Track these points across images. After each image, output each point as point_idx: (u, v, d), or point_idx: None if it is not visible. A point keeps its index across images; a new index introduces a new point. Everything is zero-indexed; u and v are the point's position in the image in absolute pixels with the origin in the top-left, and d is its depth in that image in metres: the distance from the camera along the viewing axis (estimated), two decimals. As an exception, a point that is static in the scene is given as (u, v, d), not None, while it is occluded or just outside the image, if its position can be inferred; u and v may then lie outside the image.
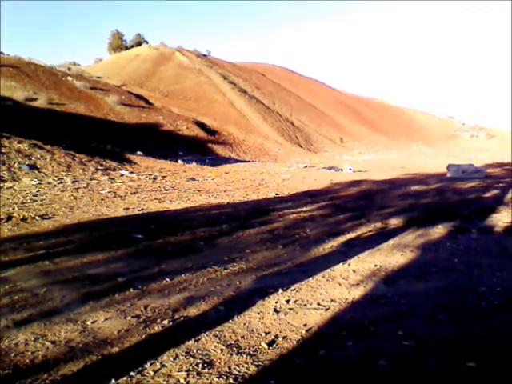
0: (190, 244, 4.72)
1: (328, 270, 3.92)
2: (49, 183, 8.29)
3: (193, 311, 2.94)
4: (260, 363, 2.29)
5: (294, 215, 6.48)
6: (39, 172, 8.95)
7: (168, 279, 3.54)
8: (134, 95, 24.75)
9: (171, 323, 2.76)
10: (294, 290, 3.41)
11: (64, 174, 9.19)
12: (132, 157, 13.14)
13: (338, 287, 3.49)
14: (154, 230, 5.33)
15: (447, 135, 45.96)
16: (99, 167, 10.35)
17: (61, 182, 8.45)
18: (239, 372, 2.20)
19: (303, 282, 3.59)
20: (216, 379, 2.12)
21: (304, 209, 7.05)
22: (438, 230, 5.50)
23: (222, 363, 2.27)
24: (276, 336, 2.60)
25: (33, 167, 9.05)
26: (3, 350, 2.37)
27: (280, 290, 3.38)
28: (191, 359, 2.29)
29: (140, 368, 2.21)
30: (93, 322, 2.76)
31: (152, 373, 2.17)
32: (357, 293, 3.35)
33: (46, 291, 3.26)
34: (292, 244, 4.82)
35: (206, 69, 35.39)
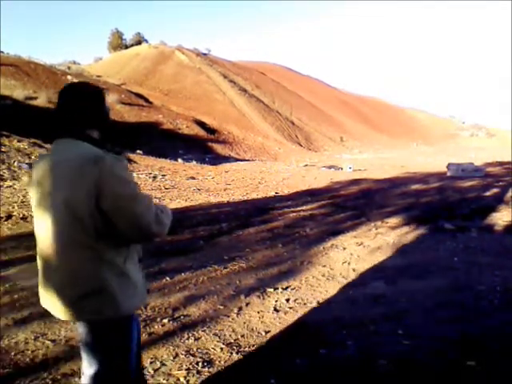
0: (190, 243, 4.72)
1: (328, 269, 3.93)
2: (49, 182, 8.28)
3: (193, 310, 2.94)
4: (260, 362, 2.29)
5: (294, 214, 6.48)
6: (39, 171, 8.94)
7: (168, 278, 3.54)
8: (134, 94, 24.71)
9: (171, 322, 2.76)
10: (293, 288, 3.42)
11: (64, 172, 9.17)
12: (132, 155, 13.11)
13: (338, 286, 3.49)
14: (153, 228, 5.32)
15: (447, 134, 45.95)
16: (99, 166, 10.33)
17: (61, 181, 8.44)
18: (239, 371, 2.20)
19: (303, 281, 3.59)
20: (216, 378, 2.12)
21: (304, 207, 7.05)
22: (438, 229, 5.49)
23: (222, 362, 2.27)
24: (276, 335, 2.60)
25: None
26: (3, 349, 2.37)
27: (280, 289, 3.38)
28: (191, 358, 2.30)
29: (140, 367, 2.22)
30: (93, 321, 2.75)
31: (152, 371, 2.17)
32: (357, 292, 3.35)
33: (46, 290, 3.25)
34: (292, 243, 4.82)
35: (206, 67, 35.34)
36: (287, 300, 3.16)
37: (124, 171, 1.32)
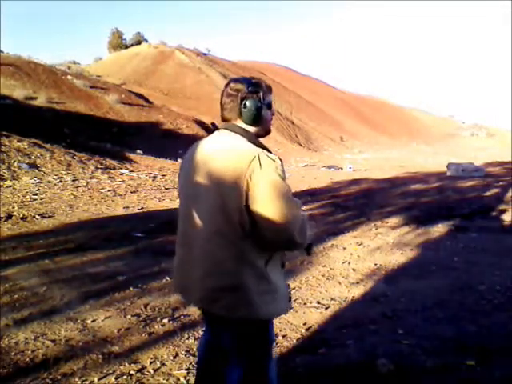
0: (190, 243, 4.71)
1: (328, 269, 3.93)
2: (49, 182, 8.28)
3: (193, 310, 2.94)
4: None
5: (294, 214, 6.47)
6: (39, 171, 8.94)
7: (168, 278, 3.54)
8: (134, 94, 24.69)
9: (171, 322, 2.77)
10: (293, 288, 3.41)
11: (64, 172, 9.18)
12: (132, 155, 13.11)
13: (338, 286, 3.49)
14: (153, 228, 5.32)
15: (447, 134, 45.91)
16: (99, 166, 10.34)
17: (61, 181, 8.44)
18: (239, 370, 2.20)
19: (303, 281, 3.59)
20: (216, 378, 2.12)
21: (304, 207, 7.04)
22: (438, 229, 5.50)
23: (222, 362, 2.27)
24: (276, 335, 2.60)
25: (32, 166, 9.04)
26: (3, 349, 2.37)
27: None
28: (191, 358, 2.29)
29: (140, 367, 2.22)
30: (93, 321, 2.76)
31: (152, 371, 2.17)
32: (357, 291, 3.35)
33: (46, 290, 3.26)
34: (292, 243, 4.81)
35: (206, 67, 35.32)
36: (287, 300, 3.16)
37: (278, 173, 1.24)
